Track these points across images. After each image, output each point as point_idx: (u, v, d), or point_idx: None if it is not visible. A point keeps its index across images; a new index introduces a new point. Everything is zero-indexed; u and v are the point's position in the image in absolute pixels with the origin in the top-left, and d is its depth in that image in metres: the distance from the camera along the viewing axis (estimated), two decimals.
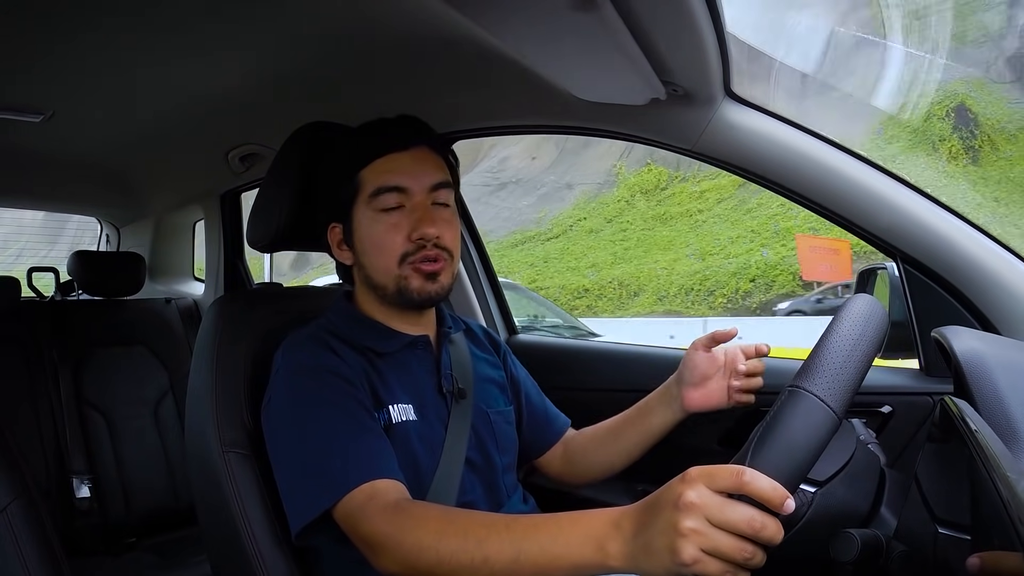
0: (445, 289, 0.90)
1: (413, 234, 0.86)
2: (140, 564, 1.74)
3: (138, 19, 1.02)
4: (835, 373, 0.54)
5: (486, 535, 0.64)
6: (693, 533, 0.50)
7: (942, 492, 0.62)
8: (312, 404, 0.81)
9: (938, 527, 0.59)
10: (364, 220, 0.89)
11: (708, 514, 0.50)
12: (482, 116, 1.33)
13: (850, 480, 0.73)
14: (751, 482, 0.49)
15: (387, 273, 0.88)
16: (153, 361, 2.02)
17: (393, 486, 0.76)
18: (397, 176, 0.87)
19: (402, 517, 0.70)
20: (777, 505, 0.49)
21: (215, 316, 0.97)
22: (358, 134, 0.93)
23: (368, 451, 0.78)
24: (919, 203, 0.99)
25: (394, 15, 0.99)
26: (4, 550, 0.75)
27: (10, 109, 1.37)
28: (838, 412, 0.53)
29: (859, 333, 0.57)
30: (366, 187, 0.88)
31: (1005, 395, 0.61)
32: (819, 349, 0.57)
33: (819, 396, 0.53)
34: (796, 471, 0.51)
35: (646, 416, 0.99)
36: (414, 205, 0.88)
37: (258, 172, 1.78)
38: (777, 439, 0.52)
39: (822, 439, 0.52)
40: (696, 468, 0.53)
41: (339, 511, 0.75)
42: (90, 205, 2.49)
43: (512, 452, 1.00)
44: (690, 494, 0.51)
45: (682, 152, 1.12)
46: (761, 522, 0.49)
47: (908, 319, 1.03)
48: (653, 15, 0.76)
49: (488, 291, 1.62)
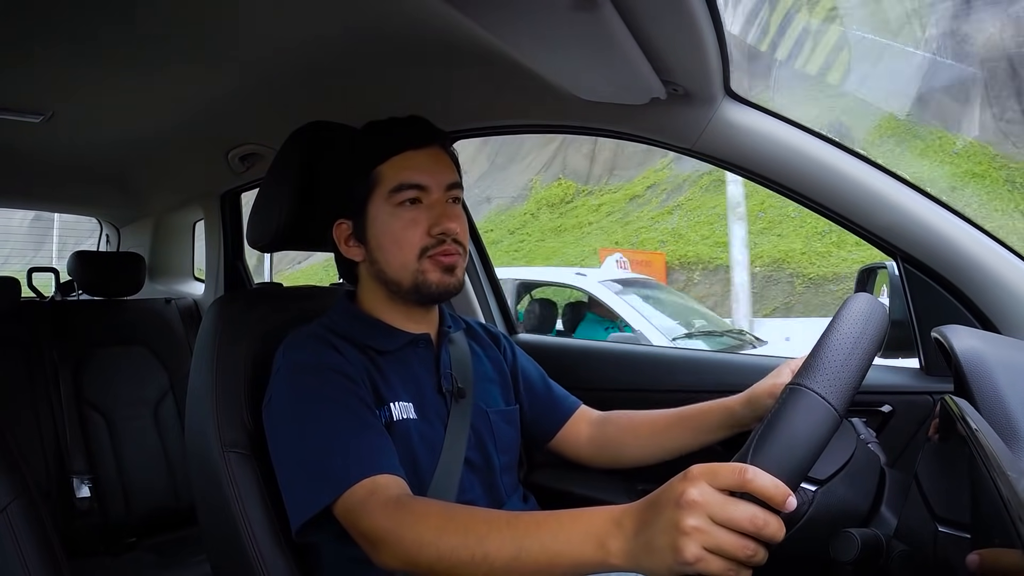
0: (461, 282, 0.92)
1: (434, 229, 0.88)
2: (140, 564, 1.74)
3: (138, 20, 1.02)
4: (836, 371, 0.55)
5: (487, 531, 0.64)
6: (695, 531, 0.50)
7: (942, 491, 0.62)
8: (313, 401, 0.81)
9: (938, 525, 0.59)
10: (381, 215, 0.89)
11: (710, 512, 0.50)
12: (482, 116, 1.33)
13: (851, 479, 0.73)
14: (753, 480, 0.49)
15: (404, 268, 0.89)
16: (153, 361, 2.02)
17: (394, 481, 0.76)
18: (417, 173, 0.89)
19: (403, 513, 0.70)
20: (779, 503, 0.49)
21: (215, 316, 0.97)
22: (372, 132, 0.93)
23: (369, 447, 0.78)
24: (919, 202, 1.00)
25: (394, 15, 0.99)
26: (4, 550, 0.75)
27: (10, 109, 1.37)
28: (839, 409, 0.53)
29: (859, 331, 0.57)
30: (385, 183, 0.89)
31: (1005, 394, 0.61)
32: (820, 347, 0.57)
33: (820, 393, 0.53)
34: (798, 468, 0.51)
35: (700, 432, 0.97)
36: (432, 202, 0.89)
37: (258, 172, 1.77)
38: (779, 436, 0.52)
39: (823, 437, 0.52)
40: (698, 466, 0.53)
41: (339, 507, 0.75)
42: (90, 205, 2.48)
43: (511, 452, 1.00)
44: (692, 492, 0.51)
45: (682, 151, 1.12)
46: (763, 520, 0.49)
47: (908, 318, 1.03)
48: (653, 15, 0.76)
49: (488, 290, 1.62)
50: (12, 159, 1.72)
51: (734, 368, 1.25)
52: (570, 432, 1.08)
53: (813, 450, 0.52)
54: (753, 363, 1.24)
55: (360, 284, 0.96)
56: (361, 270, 0.95)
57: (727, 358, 1.29)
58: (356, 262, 0.94)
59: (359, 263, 0.94)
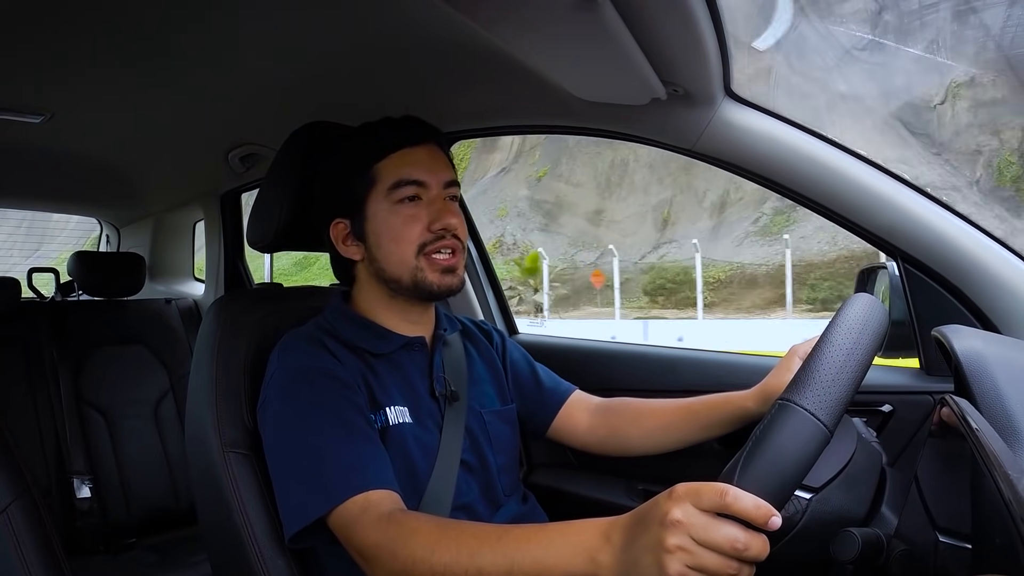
0: (462, 281, 0.93)
1: (434, 224, 0.88)
2: (140, 564, 1.74)
3: (138, 19, 1.02)
4: (827, 386, 0.53)
5: (478, 547, 0.65)
6: (679, 550, 0.51)
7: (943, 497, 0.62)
8: (307, 409, 0.81)
9: (939, 536, 0.60)
10: (380, 212, 0.90)
11: (692, 533, 0.51)
12: (482, 116, 1.33)
13: (848, 485, 0.73)
14: (734, 503, 0.50)
15: (403, 264, 0.89)
16: (153, 361, 2.02)
17: (387, 496, 0.76)
18: (416, 170, 0.89)
19: (396, 529, 0.71)
20: (761, 523, 0.50)
21: (215, 316, 0.97)
22: (368, 131, 0.94)
23: (362, 460, 0.78)
24: (919, 202, 1.00)
25: (394, 15, 0.99)
26: (4, 550, 0.75)
27: (10, 109, 1.37)
28: (829, 426, 0.52)
29: (853, 342, 0.56)
30: (384, 180, 0.89)
31: (1005, 394, 0.61)
32: (811, 360, 0.56)
33: (809, 410, 0.52)
34: (783, 487, 0.51)
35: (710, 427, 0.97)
36: (431, 198, 0.90)
37: (258, 172, 1.78)
38: (765, 454, 0.51)
39: (811, 455, 0.52)
40: (683, 485, 0.53)
41: (333, 520, 0.75)
42: (90, 205, 2.49)
43: (509, 452, 1.00)
44: (676, 512, 0.52)
45: (682, 152, 1.12)
46: (744, 543, 0.50)
47: (908, 318, 1.03)
48: (653, 15, 0.76)
49: (488, 290, 1.62)
50: (12, 159, 1.72)
51: (734, 368, 1.25)
52: (566, 420, 1.07)
53: (800, 468, 0.51)
54: (753, 363, 1.24)
55: (357, 284, 0.96)
56: (359, 270, 0.95)
57: (728, 358, 1.29)
58: (354, 262, 0.94)
59: (357, 262, 0.94)
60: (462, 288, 0.93)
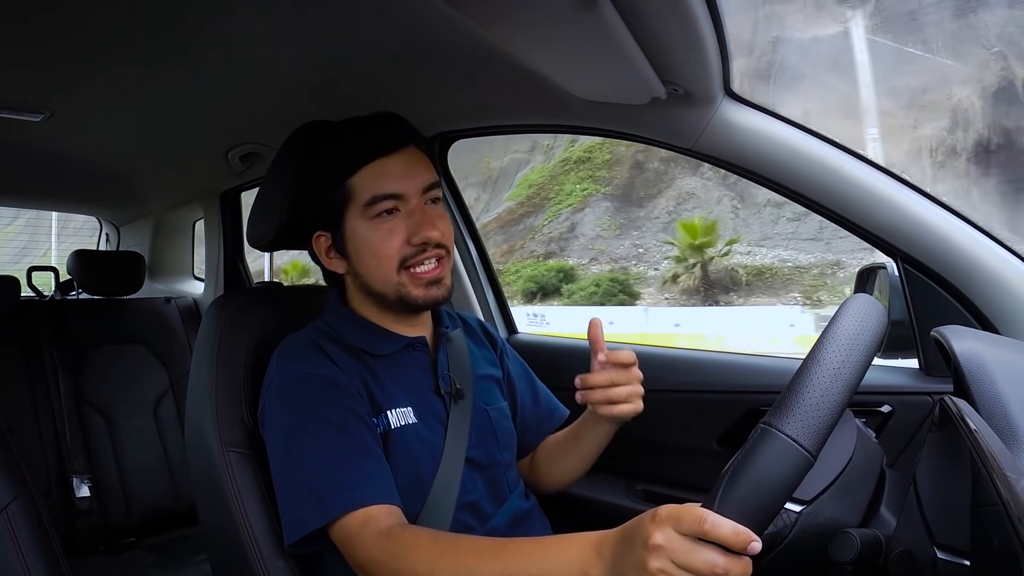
0: (449, 289, 0.90)
1: (414, 238, 0.86)
2: (140, 564, 1.75)
3: (138, 19, 1.01)
4: (810, 411, 0.51)
5: (475, 562, 0.66)
6: (660, 573, 0.52)
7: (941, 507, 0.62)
8: (306, 419, 0.81)
9: (937, 552, 0.60)
10: (359, 228, 0.87)
11: (673, 557, 0.52)
12: (482, 115, 1.33)
13: (842, 493, 0.73)
14: (712, 530, 0.51)
15: (386, 281, 0.88)
16: (153, 360, 2.02)
17: (387, 511, 0.76)
18: (390, 182, 0.86)
19: (395, 545, 0.72)
20: (740, 549, 0.51)
21: (215, 315, 0.97)
22: (343, 137, 0.91)
23: (362, 474, 0.78)
24: (919, 202, 1.00)
25: (394, 14, 0.99)
26: (4, 549, 0.75)
27: (10, 109, 1.37)
28: (812, 452, 0.51)
29: (841, 361, 0.53)
30: (359, 195, 0.86)
31: (1004, 394, 0.61)
32: (796, 380, 0.53)
33: (791, 437, 0.51)
34: (764, 513, 0.51)
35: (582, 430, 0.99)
36: (410, 209, 0.87)
37: (258, 171, 1.77)
38: (745, 480, 0.51)
39: (792, 481, 0.51)
40: (665, 508, 0.54)
41: (334, 533, 0.76)
42: (90, 204, 2.49)
43: (513, 448, 1.00)
44: (657, 536, 0.53)
45: (682, 152, 1.12)
46: (724, 567, 0.51)
47: (908, 318, 1.03)
48: (653, 15, 0.76)
49: (488, 290, 1.62)
50: (12, 158, 1.72)
51: (734, 368, 1.25)
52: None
53: (781, 494, 0.51)
54: (753, 363, 1.24)
55: (348, 292, 0.95)
56: (347, 280, 0.94)
57: (728, 358, 1.29)
58: (340, 274, 0.93)
59: (343, 275, 0.93)
60: (450, 295, 0.91)
